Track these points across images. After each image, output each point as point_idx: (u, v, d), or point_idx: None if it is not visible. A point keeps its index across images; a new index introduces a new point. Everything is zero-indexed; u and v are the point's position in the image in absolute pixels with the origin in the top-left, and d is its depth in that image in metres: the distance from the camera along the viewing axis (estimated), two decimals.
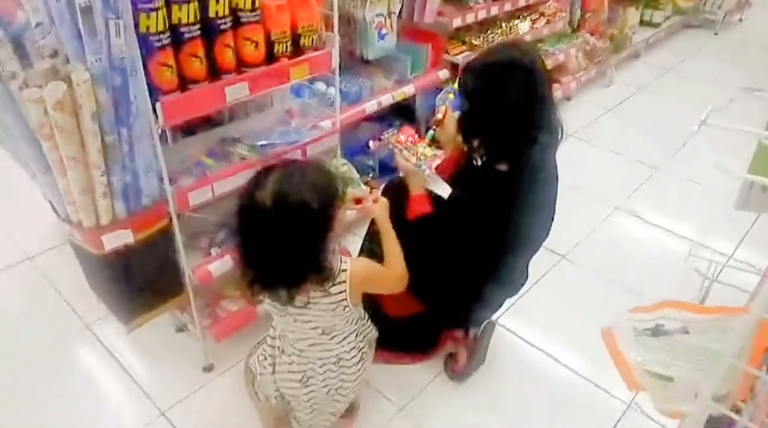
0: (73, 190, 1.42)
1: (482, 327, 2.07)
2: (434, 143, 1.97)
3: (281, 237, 1.30)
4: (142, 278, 1.75)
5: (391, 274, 1.61)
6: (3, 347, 2.13)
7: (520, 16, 3.48)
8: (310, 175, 1.34)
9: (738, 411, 0.82)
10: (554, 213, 1.79)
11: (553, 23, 3.61)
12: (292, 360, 1.60)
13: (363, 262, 1.59)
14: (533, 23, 3.48)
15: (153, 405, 1.97)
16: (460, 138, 1.75)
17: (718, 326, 0.62)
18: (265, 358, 1.64)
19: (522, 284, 1.93)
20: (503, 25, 3.34)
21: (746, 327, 0.59)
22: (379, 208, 1.65)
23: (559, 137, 1.66)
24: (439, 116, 1.89)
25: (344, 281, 1.46)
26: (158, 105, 1.47)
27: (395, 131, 2.96)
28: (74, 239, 1.62)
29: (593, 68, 4.16)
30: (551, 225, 1.80)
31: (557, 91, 3.75)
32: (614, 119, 3.99)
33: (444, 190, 1.87)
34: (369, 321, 1.73)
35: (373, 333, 1.75)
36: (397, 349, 2.08)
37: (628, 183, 3.25)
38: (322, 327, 1.52)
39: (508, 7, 3.26)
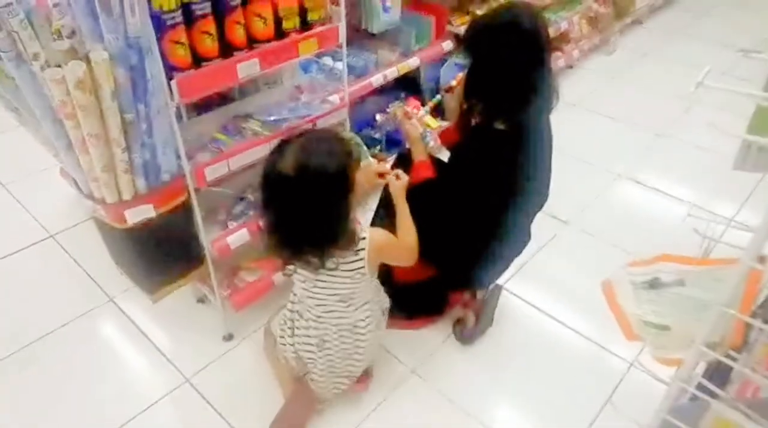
0: (96, 167, 1.48)
1: (489, 290, 2.15)
2: (438, 108, 2.03)
3: (306, 202, 1.39)
4: (163, 251, 1.82)
5: (405, 247, 1.69)
6: (30, 322, 2.22)
7: None
8: (325, 143, 1.44)
9: (733, 360, 0.89)
10: (551, 174, 1.87)
11: None
12: (309, 324, 1.68)
13: (380, 232, 1.65)
14: None
15: (178, 373, 2.06)
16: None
17: (712, 276, 0.68)
18: (285, 322, 1.73)
19: (525, 244, 2.01)
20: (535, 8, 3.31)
21: (736, 275, 0.65)
22: (400, 185, 1.74)
23: (554, 100, 1.71)
24: (453, 82, 1.96)
25: (363, 249, 1.54)
26: (173, 83, 1.51)
27: (401, 103, 3.00)
28: (98, 214, 1.69)
29: (596, 36, 4.13)
30: (549, 186, 1.88)
31: (560, 60, 3.74)
32: (617, 86, 3.99)
33: (447, 157, 1.94)
34: (383, 291, 1.81)
35: (386, 302, 1.83)
36: (407, 314, 2.16)
37: (632, 150, 3.28)
38: (341, 295, 1.60)
39: None
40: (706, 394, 0.75)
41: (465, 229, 1.85)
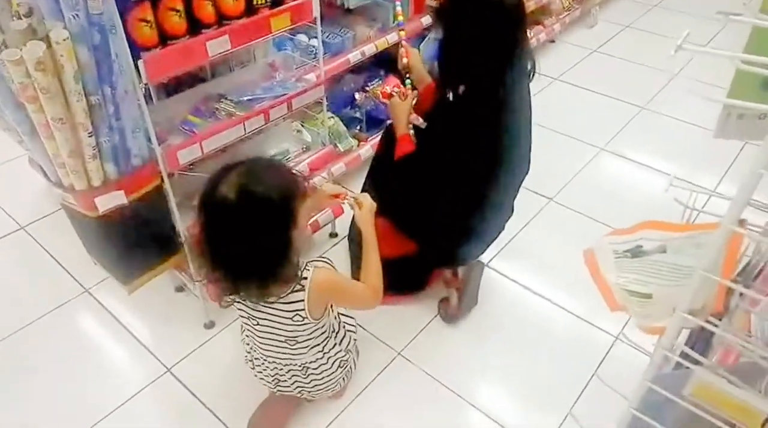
0: (62, 152, 1.42)
1: (470, 267, 2.13)
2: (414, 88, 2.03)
3: (245, 230, 1.30)
4: (137, 239, 1.76)
5: (363, 290, 1.59)
6: (4, 316, 2.15)
7: None
8: (273, 170, 1.38)
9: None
10: (530, 145, 1.86)
11: None
12: (262, 362, 1.67)
13: (328, 273, 1.53)
14: None
15: (159, 363, 2.02)
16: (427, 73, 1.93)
17: (694, 242, 0.66)
18: (246, 349, 1.74)
19: (506, 219, 2.00)
20: None
21: (718, 240, 0.63)
22: (364, 212, 1.64)
23: (530, 68, 1.70)
24: (405, 60, 1.95)
25: (303, 289, 1.45)
26: (140, 62, 1.45)
27: (381, 81, 2.95)
28: (68, 203, 1.63)
29: (577, 8, 4.10)
30: (529, 158, 1.88)
31: (541, 34, 3.70)
32: (599, 59, 3.97)
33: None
34: (347, 328, 1.77)
35: (354, 336, 1.80)
36: (389, 290, 2.14)
37: (615, 123, 3.27)
38: (285, 336, 1.54)
39: None
40: (689, 362, 0.74)
41: (445, 202, 1.84)
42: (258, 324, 1.54)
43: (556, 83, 3.64)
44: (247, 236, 1.31)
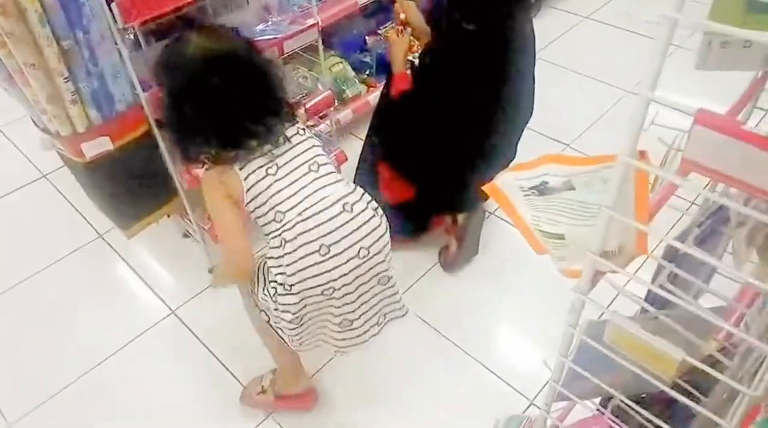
0: (41, 98, 1.44)
1: (471, 214, 2.08)
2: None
3: (250, 72, 1.31)
4: (131, 185, 1.80)
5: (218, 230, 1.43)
6: (23, 259, 2.28)
7: None
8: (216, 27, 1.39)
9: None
10: (534, 87, 1.77)
11: None
12: (297, 238, 1.31)
13: (207, 180, 1.38)
14: None
15: (164, 305, 2.10)
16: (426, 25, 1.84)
17: (600, 177, 0.59)
18: (272, 274, 1.36)
19: (506, 165, 1.92)
20: None
21: (617, 173, 0.56)
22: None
23: (531, 4, 1.61)
24: (402, 16, 1.87)
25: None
26: (113, 4, 1.44)
27: (392, 24, 2.84)
28: (57, 149, 1.67)
29: None
30: (533, 99, 1.79)
31: None
32: None
33: None
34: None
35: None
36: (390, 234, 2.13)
37: (639, 66, 3.04)
38: (310, 159, 1.40)
39: None
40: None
41: (441, 146, 1.79)
42: (282, 171, 1.34)
43: (585, 22, 3.41)
44: (253, 77, 1.31)
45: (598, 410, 0.94)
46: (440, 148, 1.83)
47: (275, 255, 1.31)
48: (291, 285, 1.31)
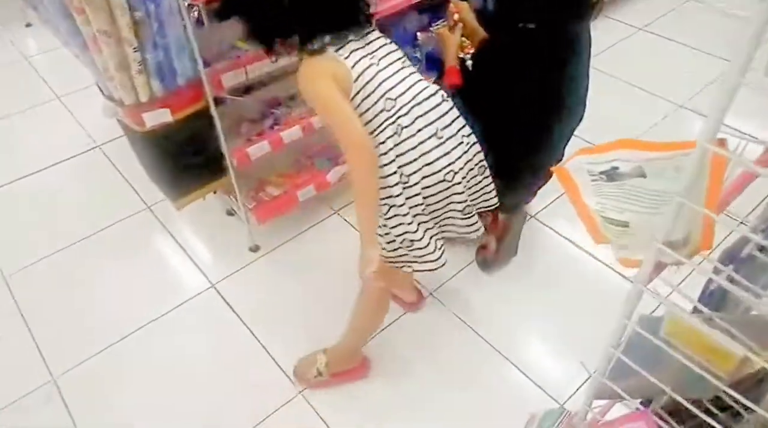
0: (110, 65, 1.50)
1: (512, 215, 2.07)
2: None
3: None
4: (184, 158, 1.85)
5: (337, 126, 1.30)
6: (74, 228, 2.36)
7: None
8: None
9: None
10: (587, 87, 1.76)
11: None
12: (415, 119, 1.34)
13: (313, 69, 1.31)
14: None
15: (205, 279, 2.15)
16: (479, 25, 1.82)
17: (673, 164, 0.59)
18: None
19: (552, 164, 1.91)
20: None
21: (695, 159, 0.56)
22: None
23: (591, 9, 1.59)
24: (456, 16, 1.87)
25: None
26: None
27: (444, 22, 2.85)
28: (119, 117, 1.73)
29: None
30: (585, 101, 1.78)
31: None
32: (695, 9, 3.60)
33: None
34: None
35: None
36: None
37: (700, 80, 2.98)
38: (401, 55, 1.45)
39: None
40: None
41: (492, 142, 1.79)
42: (384, 61, 1.35)
43: (640, 34, 3.35)
44: None
45: (637, 409, 0.93)
46: (489, 145, 1.83)
47: (390, 145, 1.30)
48: (408, 176, 1.32)
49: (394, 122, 1.31)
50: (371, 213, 1.33)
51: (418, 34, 2.76)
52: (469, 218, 1.48)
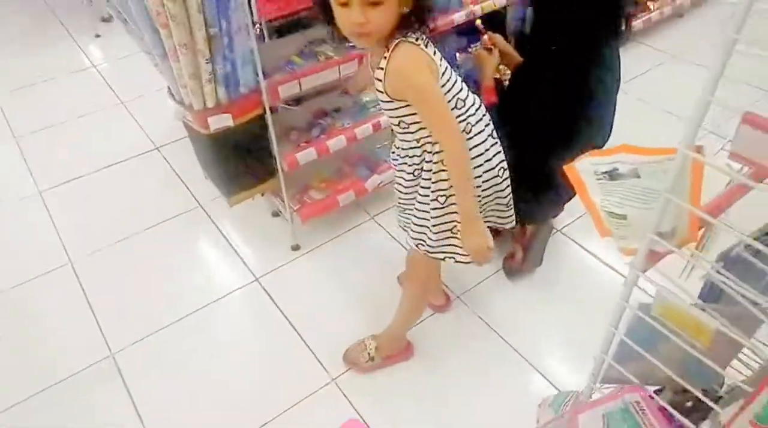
0: (185, 74, 1.70)
1: (539, 226, 2.20)
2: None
3: None
4: (241, 160, 2.05)
5: (451, 118, 1.38)
6: (133, 220, 2.58)
7: None
8: None
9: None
10: (614, 111, 1.87)
11: None
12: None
13: (414, 53, 1.31)
14: None
15: (249, 272, 2.34)
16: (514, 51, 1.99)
17: (662, 167, 0.73)
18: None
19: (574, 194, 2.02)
20: None
21: (677, 163, 0.70)
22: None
23: (621, 30, 1.71)
24: (489, 46, 2.00)
25: (385, 61, 1.32)
26: (253, 1, 1.69)
27: (481, 45, 3.01)
28: (187, 120, 1.94)
29: None
30: (612, 124, 1.89)
31: (667, 7, 3.52)
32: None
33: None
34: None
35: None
36: None
37: (734, 108, 3.05)
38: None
39: None
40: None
41: (522, 158, 1.92)
42: (444, 63, 1.42)
43: (674, 61, 3.45)
44: None
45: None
46: (520, 159, 1.95)
47: None
48: (474, 168, 1.48)
49: (464, 121, 1.44)
50: (474, 196, 1.46)
51: (457, 54, 2.94)
52: (510, 208, 1.68)
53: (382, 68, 1.34)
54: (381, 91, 1.39)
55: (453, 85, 1.42)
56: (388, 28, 1.28)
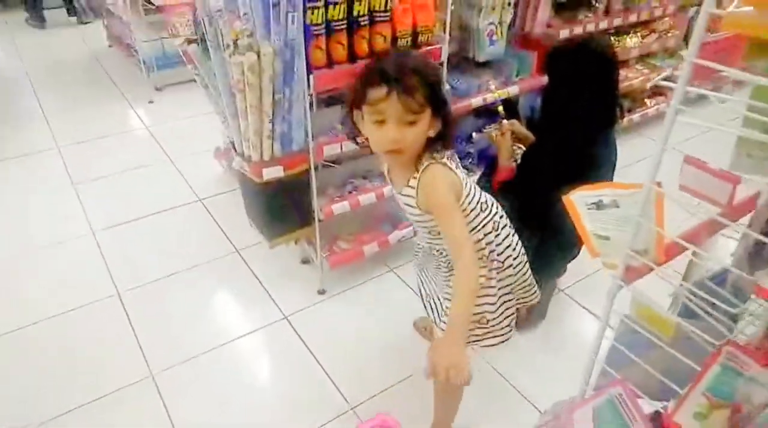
0: (250, 131, 2.04)
1: (544, 282, 2.44)
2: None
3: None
4: (285, 206, 2.35)
5: (466, 234, 1.48)
6: (175, 262, 2.86)
7: (631, 32, 3.73)
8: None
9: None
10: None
11: (664, 40, 3.81)
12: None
13: (441, 175, 1.45)
14: (642, 39, 3.71)
15: (278, 310, 2.58)
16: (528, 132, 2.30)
17: (634, 199, 1.01)
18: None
19: (574, 256, 2.29)
20: (611, 39, 3.62)
21: (643, 194, 0.98)
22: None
23: (616, 118, 2.03)
24: (504, 131, 2.32)
25: (415, 180, 1.46)
26: (311, 77, 2.06)
27: (497, 125, 3.39)
28: (242, 169, 2.26)
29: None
30: None
31: (662, 104, 3.93)
32: (721, 139, 4.04)
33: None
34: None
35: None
36: None
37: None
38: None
39: (617, 22, 3.53)
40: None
41: (529, 228, 2.18)
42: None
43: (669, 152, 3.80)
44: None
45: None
46: (527, 226, 2.22)
47: (491, 239, 1.63)
48: (503, 261, 1.68)
49: (491, 220, 1.63)
50: (470, 312, 1.50)
51: (473, 134, 3.31)
52: (534, 285, 1.89)
53: (412, 187, 1.49)
54: (412, 207, 1.54)
55: (475, 193, 1.60)
56: (417, 147, 1.43)
